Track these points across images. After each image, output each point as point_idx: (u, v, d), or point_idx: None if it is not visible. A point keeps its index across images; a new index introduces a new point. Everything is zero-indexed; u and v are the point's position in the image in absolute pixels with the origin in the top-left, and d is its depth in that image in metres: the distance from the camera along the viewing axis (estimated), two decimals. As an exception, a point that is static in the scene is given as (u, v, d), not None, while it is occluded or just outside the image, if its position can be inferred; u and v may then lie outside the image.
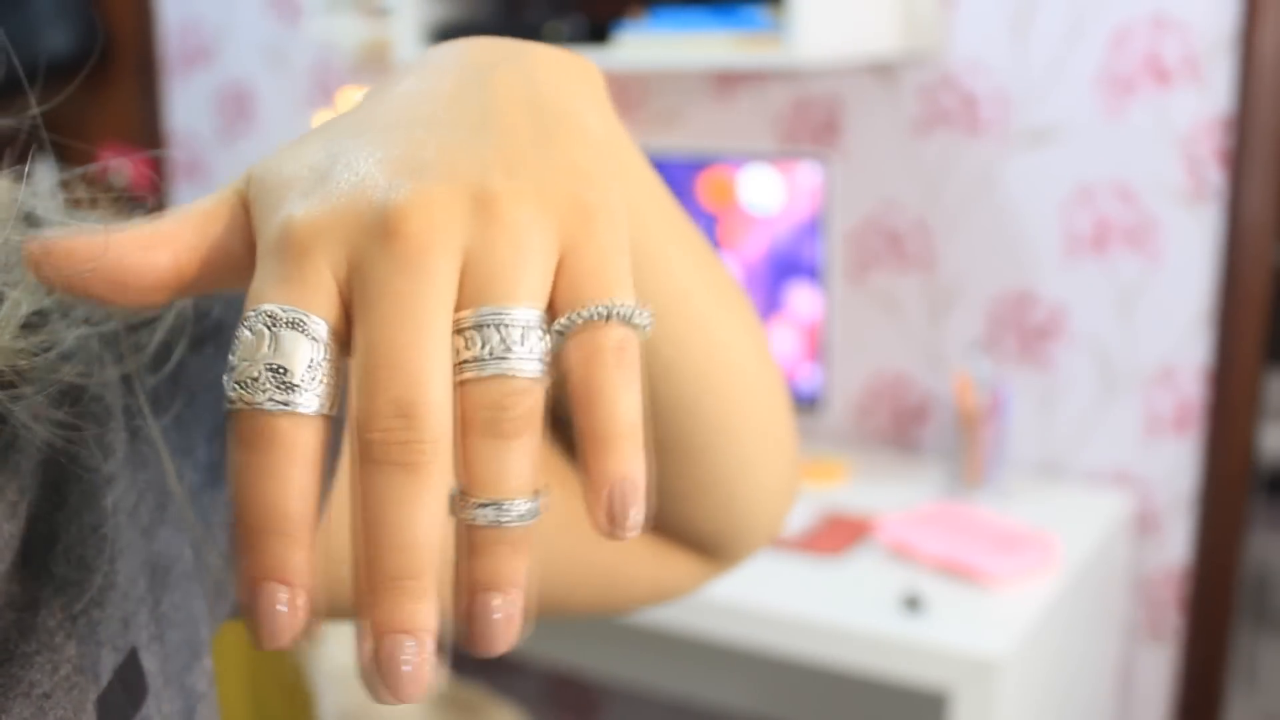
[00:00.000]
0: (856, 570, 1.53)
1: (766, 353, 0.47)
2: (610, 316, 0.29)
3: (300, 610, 0.28)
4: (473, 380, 0.28)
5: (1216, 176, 1.67)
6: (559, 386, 0.30)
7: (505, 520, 0.28)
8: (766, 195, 1.79)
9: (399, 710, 1.63)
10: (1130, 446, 1.78)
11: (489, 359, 0.28)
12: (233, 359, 0.29)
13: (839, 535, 1.60)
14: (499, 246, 0.29)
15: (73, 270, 0.31)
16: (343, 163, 0.30)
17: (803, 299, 1.79)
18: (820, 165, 1.74)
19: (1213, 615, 1.77)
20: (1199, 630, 1.79)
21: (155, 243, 0.31)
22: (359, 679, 0.28)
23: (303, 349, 0.28)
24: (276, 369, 0.28)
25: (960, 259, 1.84)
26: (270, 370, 0.28)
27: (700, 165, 1.84)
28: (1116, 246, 1.74)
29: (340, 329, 0.29)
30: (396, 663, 0.27)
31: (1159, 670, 1.83)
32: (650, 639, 1.95)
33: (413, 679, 0.27)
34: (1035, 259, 1.79)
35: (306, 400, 0.28)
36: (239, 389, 0.28)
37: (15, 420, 0.36)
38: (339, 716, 1.62)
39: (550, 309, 0.30)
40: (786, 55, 1.54)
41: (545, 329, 0.29)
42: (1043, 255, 1.79)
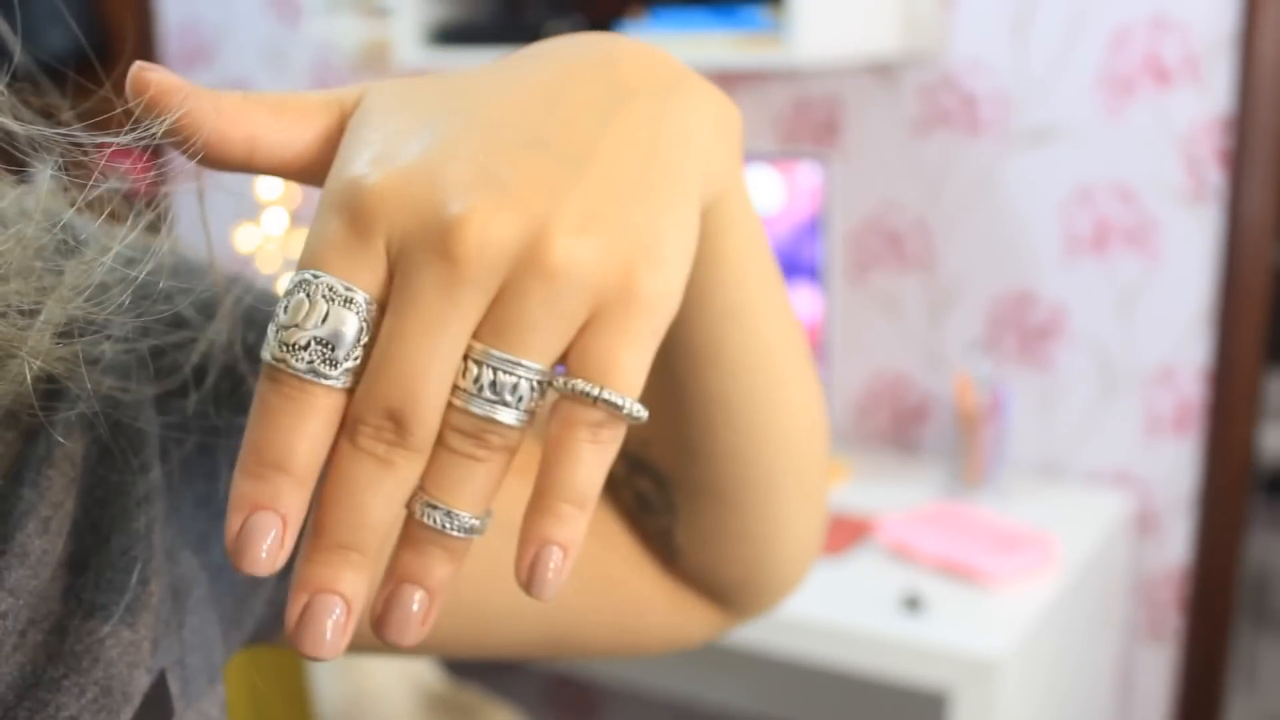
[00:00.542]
0: (856, 570, 1.53)
1: (821, 412, 0.48)
2: (596, 401, 0.30)
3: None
4: (460, 407, 0.30)
5: (1216, 177, 1.67)
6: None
7: (450, 527, 0.30)
8: (766, 195, 1.78)
9: (397, 710, 1.63)
10: (1130, 447, 1.78)
11: (480, 397, 0.30)
12: (283, 317, 0.30)
13: (839, 535, 1.60)
14: (532, 299, 0.30)
15: (169, 106, 0.33)
16: (436, 144, 0.31)
17: (803, 299, 1.79)
18: (820, 165, 1.74)
19: (1213, 615, 1.77)
20: (1199, 630, 1.79)
21: (260, 115, 0.34)
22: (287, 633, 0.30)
23: (351, 328, 0.30)
24: (325, 343, 0.29)
25: (960, 259, 1.84)
26: (319, 343, 0.29)
27: (700, 165, 1.83)
28: (1116, 247, 1.74)
29: (383, 302, 0.30)
30: (322, 620, 0.29)
31: (1159, 670, 1.83)
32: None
33: (331, 640, 0.29)
34: (1035, 259, 1.79)
35: (342, 376, 0.30)
36: (285, 349, 0.29)
37: (51, 435, 0.36)
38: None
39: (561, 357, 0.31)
40: (786, 55, 1.54)
41: (545, 380, 0.30)
42: (1043, 255, 1.79)
